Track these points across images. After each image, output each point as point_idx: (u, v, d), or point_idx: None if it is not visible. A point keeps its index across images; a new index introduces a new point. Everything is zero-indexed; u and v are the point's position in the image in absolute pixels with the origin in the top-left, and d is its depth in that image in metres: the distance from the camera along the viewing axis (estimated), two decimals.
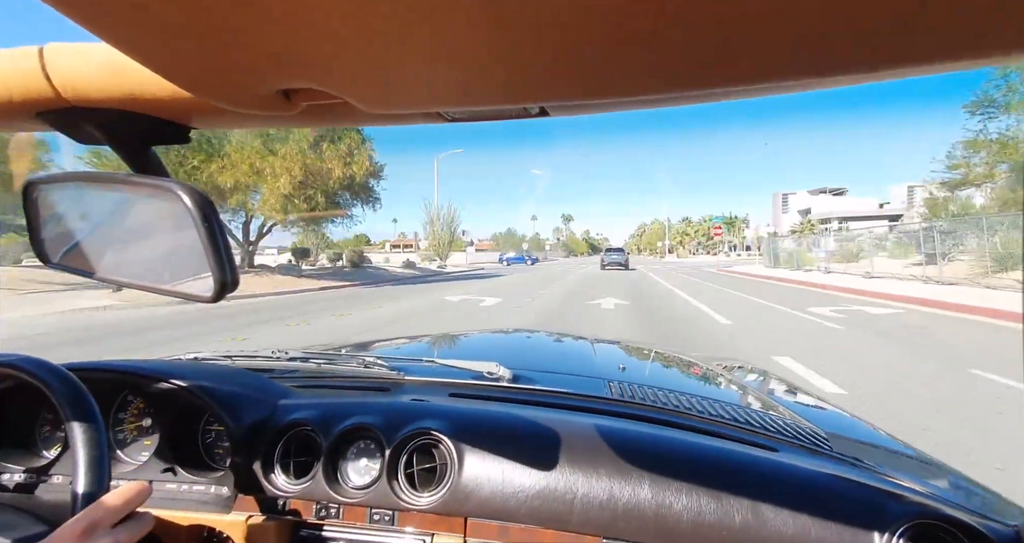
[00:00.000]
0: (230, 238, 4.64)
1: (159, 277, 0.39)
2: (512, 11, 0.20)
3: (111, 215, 0.43)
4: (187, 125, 0.42)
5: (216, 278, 0.35)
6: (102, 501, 0.44)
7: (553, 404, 0.82)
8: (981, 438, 2.63)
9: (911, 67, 0.25)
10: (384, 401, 0.79)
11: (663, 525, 0.58)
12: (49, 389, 0.53)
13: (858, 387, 3.62)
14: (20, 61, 0.35)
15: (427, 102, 0.32)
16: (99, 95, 0.36)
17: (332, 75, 0.28)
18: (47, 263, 0.45)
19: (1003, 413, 3.04)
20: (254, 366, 0.94)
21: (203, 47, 0.25)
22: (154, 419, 0.79)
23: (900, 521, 0.54)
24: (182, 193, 0.34)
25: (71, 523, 0.42)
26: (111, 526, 0.44)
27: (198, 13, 0.21)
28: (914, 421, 2.89)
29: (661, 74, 0.26)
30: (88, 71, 0.35)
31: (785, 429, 0.80)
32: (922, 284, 11.72)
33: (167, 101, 0.36)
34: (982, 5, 0.20)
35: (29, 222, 0.44)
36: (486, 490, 0.63)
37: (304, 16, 0.21)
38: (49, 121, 0.39)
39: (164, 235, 0.39)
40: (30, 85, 0.35)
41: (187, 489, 0.73)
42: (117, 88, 0.35)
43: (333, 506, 0.68)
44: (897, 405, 3.21)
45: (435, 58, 0.25)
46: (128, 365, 0.79)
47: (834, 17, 0.20)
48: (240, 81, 0.29)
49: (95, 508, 0.44)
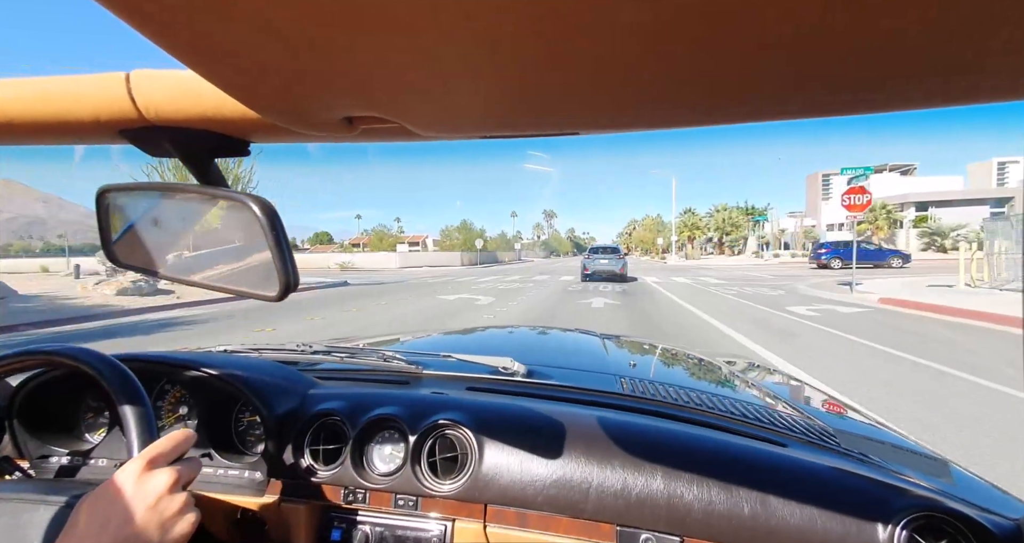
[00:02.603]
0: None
1: (226, 277, 0.44)
2: (552, 50, 0.22)
3: (178, 221, 0.47)
4: (248, 140, 0.45)
5: (281, 279, 0.39)
6: (156, 444, 0.48)
7: (567, 399, 0.85)
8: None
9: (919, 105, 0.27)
10: (406, 393, 0.83)
11: (675, 514, 0.60)
12: (100, 375, 0.56)
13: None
14: (109, 85, 0.39)
15: (476, 128, 0.36)
16: (176, 115, 0.39)
17: (394, 106, 0.31)
18: (115, 263, 0.49)
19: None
20: (281, 358, 0.98)
21: (282, 80, 0.27)
22: (190, 407, 0.82)
23: (904, 513, 0.56)
24: (253, 204, 0.38)
25: (132, 461, 0.46)
26: (167, 464, 0.47)
27: (281, 51, 0.23)
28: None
29: (699, 109, 0.30)
30: (168, 94, 0.38)
31: (794, 425, 0.82)
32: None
33: (235, 120, 0.39)
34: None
35: (100, 225, 0.48)
36: (505, 478, 0.66)
37: (373, 56, 0.23)
38: (128, 137, 0.43)
39: (231, 240, 0.43)
40: (116, 106, 0.39)
41: (223, 473, 0.76)
42: (193, 109, 0.39)
43: (360, 491, 0.72)
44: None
45: (487, 93, 0.28)
46: (166, 356, 0.84)
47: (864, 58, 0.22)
48: (310, 109, 0.33)
49: (151, 449, 0.47)
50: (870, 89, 0.26)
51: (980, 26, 0.20)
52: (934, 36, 0.20)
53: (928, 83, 0.25)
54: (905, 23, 0.19)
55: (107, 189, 0.47)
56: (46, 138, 0.44)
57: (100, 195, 0.47)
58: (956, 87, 0.26)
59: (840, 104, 0.28)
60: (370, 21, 0.20)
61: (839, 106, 0.29)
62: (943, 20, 0.19)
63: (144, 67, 0.39)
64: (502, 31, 0.20)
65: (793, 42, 0.21)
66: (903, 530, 0.55)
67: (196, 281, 0.45)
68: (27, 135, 0.43)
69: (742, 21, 0.19)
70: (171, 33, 0.22)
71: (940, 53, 0.22)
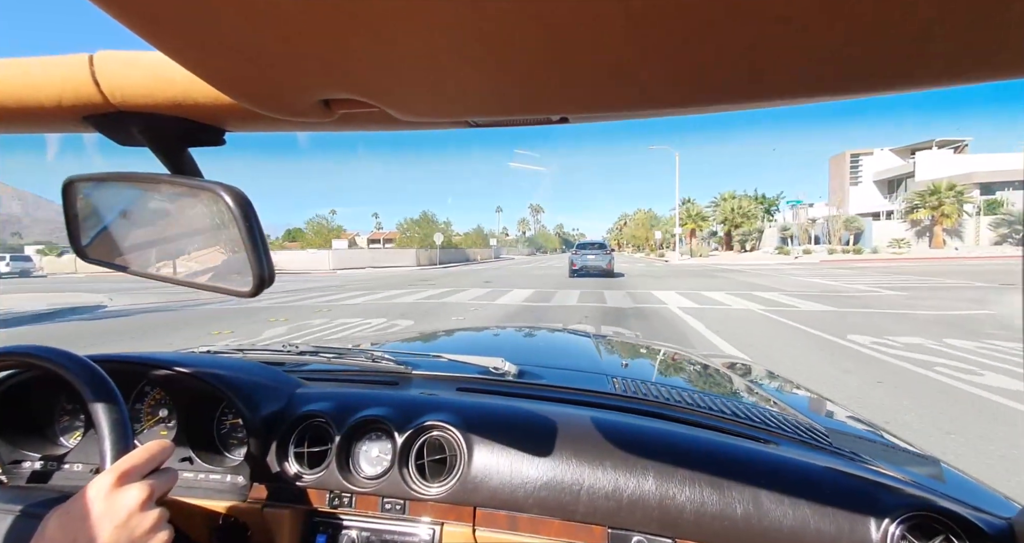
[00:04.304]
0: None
1: (196, 272, 0.42)
2: (540, 30, 0.21)
3: (148, 213, 0.45)
4: (223, 128, 0.43)
5: (255, 274, 0.37)
6: (129, 456, 0.46)
7: (558, 399, 0.83)
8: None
9: (917, 86, 0.25)
10: (395, 394, 0.81)
11: (667, 515, 0.60)
12: (69, 373, 0.54)
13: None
14: (71, 67, 0.37)
15: (458, 112, 0.34)
16: (144, 100, 0.37)
17: (373, 87, 0.30)
18: (83, 257, 0.47)
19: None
20: (265, 359, 0.95)
21: (255, 60, 0.26)
22: (171, 410, 0.80)
23: (896, 513, 0.55)
24: (224, 193, 0.36)
25: (103, 475, 0.44)
26: (139, 478, 0.46)
27: (254, 29, 0.22)
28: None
29: (684, 88, 0.28)
30: (135, 77, 0.37)
31: (785, 424, 0.81)
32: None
33: (208, 106, 0.38)
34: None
35: (67, 218, 0.46)
36: (495, 481, 0.65)
37: (350, 34, 0.22)
38: (94, 124, 0.41)
39: (203, 233, 0.41)
40: (80, 90, 0.37)
41: (203, 478, 0.74)
42: (162, 93, 0.37)
43: (346, 495, 0.69)
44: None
45: (469, 74, 0.27)
46: (146, 357, 0.80)
47: (852, 38, 0.21)
48: (285, 91, 0.31)
49: (123, 461, 0.46)
50: (905, 60, 0.23)
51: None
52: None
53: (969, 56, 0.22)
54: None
55: (74, 180, 0.45)
56: (4, 124, 0.41)
57: (67, 186, 0.45)
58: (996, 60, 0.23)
59: (859, 82, 0.26)
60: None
61: (857, 85, 0.26)
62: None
63: (109, 49, 0.37)
64: (489, 6, 0.19)
65: (804, 13, 0.19)
66: (896, 528, 0.55)
67: (167, 277, 0.43)
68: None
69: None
70: (134, 10, 0.21)
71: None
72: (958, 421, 2.97)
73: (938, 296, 9.39)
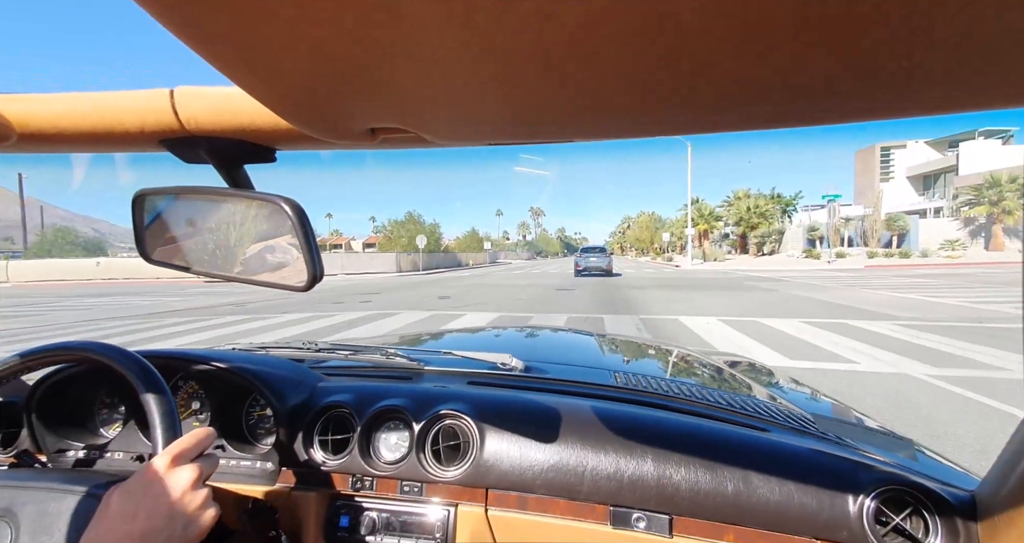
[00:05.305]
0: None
1: (255, 270, 0.48)
2: (561, 62, 0.24)
3: (212, 221, 0.51)
4: (275, 147, 0.49)
5: (309, 271, 0.43)
6: (180, 440, 0.51)
7: (563, 391, 0.88)
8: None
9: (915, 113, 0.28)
10: (411, 387, 0.86)
11: (664, 493, 0.64)
12: (123, 368, 0.59)
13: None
14: (155, 100, 0.43)
15: (490, 137, 0.39)
16: (213, 126, 0.43)
17: (416, 118, 0.35)
18: (148, 260, 0.53)
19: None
20: (288, 355, 1.01)
21: (319, 94, 0.31)
22: (203, 402, 0.85)
23: (872, 487, 0.61)
24: (284, 205, 0.43)
25: (159, 457, 0.49)
26: (189, 461, 0.51)
27: (317, 67, 0.26)
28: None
29: (713, 115, 0.31)
30: (207, 108, 0.43)
31: (776, 413, 0.85)
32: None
33: (266, 130, 0.44)
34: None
35: (135, 225, 0.52)
36: (505, 464, 0.70)
37: (401, 73, 0.26)
38: (168, 146, 0.47)
39: (262, 237, 0.47)
40: (161, 119, 0.43)
41: (235, 464, 0.79)
42: (229, 121, 0.43)
43: (367, 479, 0.75)
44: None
45: (505, 108, 0.31)
46: (181, 352, 0.86)
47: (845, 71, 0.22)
48: (339, 120, 0.36)
49: (175, 445, 0.51)
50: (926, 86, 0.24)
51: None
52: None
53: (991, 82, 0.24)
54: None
55: (143, 192, 0.51)
56: (95, 147, 0.47)
57: (136, 198, 0.51)
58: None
59: (868, 109, 0.27)
60: (400, 42, 0.22)
61: (863, 112, 0.28)
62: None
63: (187, 84, 0.44)
64: (511, 48, 0.22)
65: (813, 41, 0.20)
66: (871, 502, 0.60)
67: (229, 275, 0.49)
68: (79, 144, 0.46)
69: (762, 15, 0.19)
70: (218, 52, 0.25)
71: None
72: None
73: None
